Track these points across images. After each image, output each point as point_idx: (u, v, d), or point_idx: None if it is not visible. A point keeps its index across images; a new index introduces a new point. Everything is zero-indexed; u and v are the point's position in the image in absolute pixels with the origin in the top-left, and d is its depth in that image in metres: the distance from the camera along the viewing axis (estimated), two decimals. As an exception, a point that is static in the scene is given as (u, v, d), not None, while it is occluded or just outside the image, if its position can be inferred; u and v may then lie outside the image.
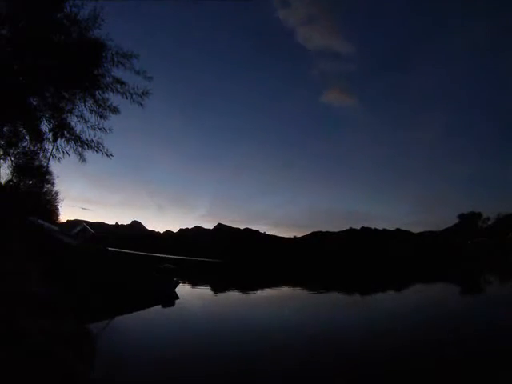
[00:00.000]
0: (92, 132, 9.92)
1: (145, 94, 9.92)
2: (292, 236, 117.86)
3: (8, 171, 21.31)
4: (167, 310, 11.64)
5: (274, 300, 15.29)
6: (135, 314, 10.18)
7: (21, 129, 11.18)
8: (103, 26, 8.84)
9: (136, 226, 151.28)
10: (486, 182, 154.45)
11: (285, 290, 21.65)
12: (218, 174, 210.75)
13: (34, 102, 9.50)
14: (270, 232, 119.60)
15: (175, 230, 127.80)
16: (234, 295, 16.86)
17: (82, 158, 10.49)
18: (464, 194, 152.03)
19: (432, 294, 19.69)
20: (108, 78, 9.41)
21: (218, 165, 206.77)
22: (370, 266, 51.77)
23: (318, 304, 14.49)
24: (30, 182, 27.03)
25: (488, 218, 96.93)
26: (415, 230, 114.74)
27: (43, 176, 25.04)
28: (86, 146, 10.05)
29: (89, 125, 9.87)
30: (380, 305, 14.45)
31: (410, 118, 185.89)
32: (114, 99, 9.85)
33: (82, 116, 9.82)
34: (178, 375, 5.18)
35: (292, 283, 26.88)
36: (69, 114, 9.81)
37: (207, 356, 6.11)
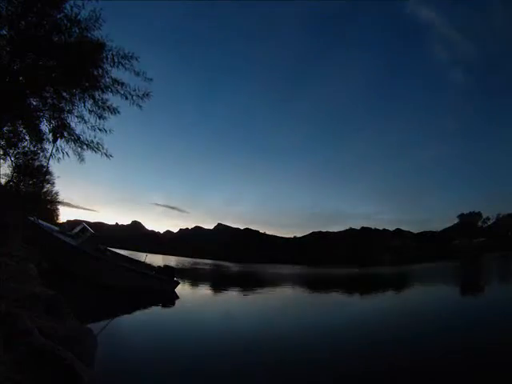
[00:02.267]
0: (92, 133, 9.96)
1: (146, 95, 9.94)
2: (292, 236, 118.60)
3: (8, 171, 21.33)
4: (167, 309, 11.64)
5: (273, 300, 15.31)
6: (135, 313, 10.17)
7: (21, 129, 11.20)
8: (103, 26, 8.87)
9: (136, 225, 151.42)
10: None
11: (284, 290, 21.64)
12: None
13: (34, 102, 9.51)
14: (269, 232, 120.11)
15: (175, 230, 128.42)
16: (234, 295, 16.87)
17: (81, 158, 10.57)
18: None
19: (432, 295, 19.66)
20: (107, 79, 9.42)
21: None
22: (369, 266, 51.75)
23: (317, 305, 14.50)
24: (30, 182, 26.99)
25: (488, 218, 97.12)
26: (414, 229, 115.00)
27: (43, 176, 25.02)
28: (85, 147, 10.09)
29: (89, 125, 9.90)
30: (380, 306, 14.46)
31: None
32: (114, 100, 9.87)
33: (81, 116, 9.84)
34: (178, 375, 5.19)
35: (292, 283, 26.90)
36: (68, 115, 9.84)
37: (207, 356, 6.12)
